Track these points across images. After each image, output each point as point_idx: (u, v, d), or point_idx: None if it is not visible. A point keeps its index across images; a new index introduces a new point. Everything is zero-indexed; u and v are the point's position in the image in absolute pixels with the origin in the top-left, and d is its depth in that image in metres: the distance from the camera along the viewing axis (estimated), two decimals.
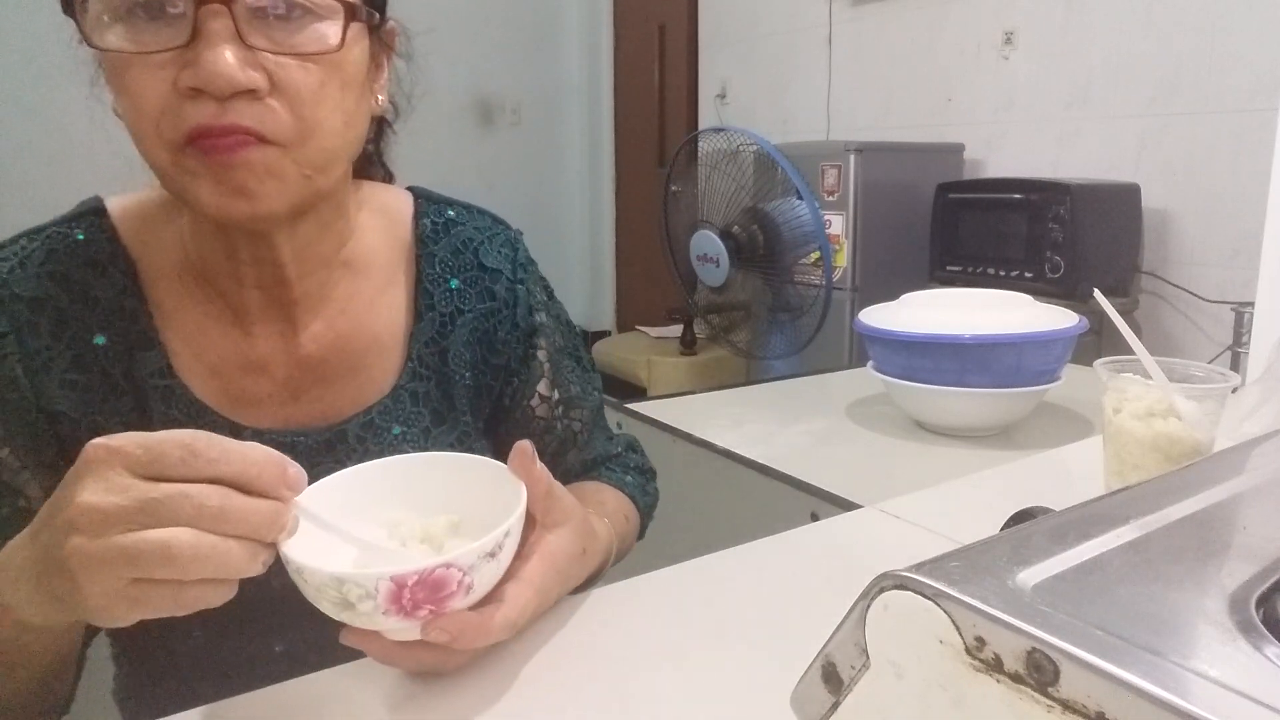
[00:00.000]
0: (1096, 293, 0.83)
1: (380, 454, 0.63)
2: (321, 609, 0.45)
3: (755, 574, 0.68)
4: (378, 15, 0.60)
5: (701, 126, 3.44)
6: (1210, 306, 2.16)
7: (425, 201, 0.71)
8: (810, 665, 0.35)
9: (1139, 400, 0.74)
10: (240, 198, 0.53)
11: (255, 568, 0.42)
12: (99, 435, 0.51)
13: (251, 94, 0.51)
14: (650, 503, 0.84)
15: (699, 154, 2.56)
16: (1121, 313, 0.78)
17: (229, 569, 0.41)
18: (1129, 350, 0.75)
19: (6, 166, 3.24)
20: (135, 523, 0.39)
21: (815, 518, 1.00)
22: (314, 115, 0.53)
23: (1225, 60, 2.10)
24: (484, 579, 0.48)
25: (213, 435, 0.42)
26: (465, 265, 0.70)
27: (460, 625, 0.47)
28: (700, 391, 1.50)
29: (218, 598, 0.42)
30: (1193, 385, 0.73)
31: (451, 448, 0.68)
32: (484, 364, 0.70)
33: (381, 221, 0.68)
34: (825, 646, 0.35)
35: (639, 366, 3.02)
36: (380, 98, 0.63)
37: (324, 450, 0.64)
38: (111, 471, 0.40)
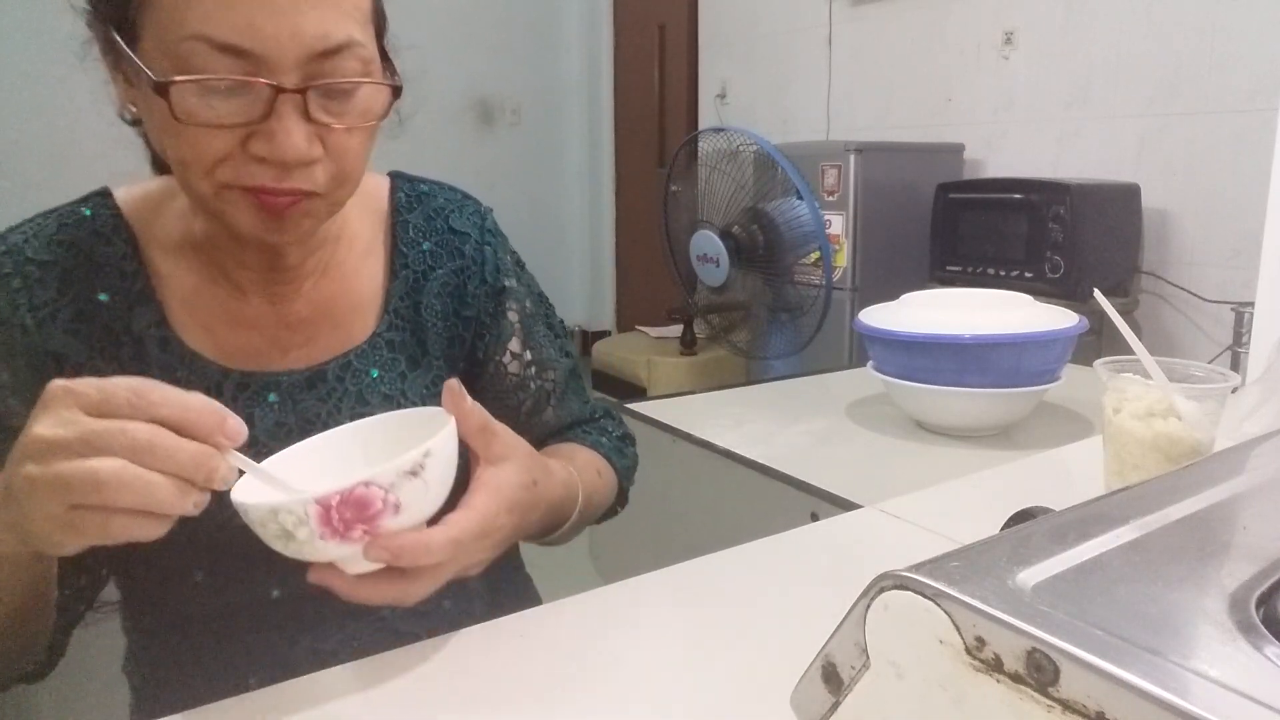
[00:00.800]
0: (1096, 293, 0.83)
1: (358, 393, 0.70)
2: (273, 547, 0.49)
3: (755, 574, 0.68)
4: (397, 76, 0.66)
5: (701, 126, 3.44)
6: (1210, 306, 2.17)
7: (401, 179, 0.79)
8: (810, 665, 0.35)
9: (1139, 400, 0.74)
10: (276, 234, 0.61)
11: (184, 506, 0.45)
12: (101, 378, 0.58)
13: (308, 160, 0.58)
14: (629, 465, 0.86)
15: (699, 154, 2.56)
16: (1121, 313, 0.78)
17: (154, 502, 0.44)
18: (1129, 350, 0.75)
19: (7, 166, 3.24)
20: (74, 453, 0.43)
21: (815, 518, 1.00)
22: (352, 168, 0.61)
23: (1225, 60, 2.10)
24: (412, 498, 0.50)
25: (164, 385, 0.45)
26: (436, 230, 0.77)
27: (399, 545, 0.50)
28: (700, 391, 1.50)
29: (146, 531, 0.45)
30: (1193, 385, 0.73)
31: (426, 389, 0.73)
32: (455, 315, 0.76)
33: (361, 199, 0.74)
34: (825, 646, 0.35)
35: (639, 366, 3.02)
36: None
37: (305, 387, 0.69)
38: (64, 408, 0.44)
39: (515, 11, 4.32)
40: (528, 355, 0.80)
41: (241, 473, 0.47)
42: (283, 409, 0.68)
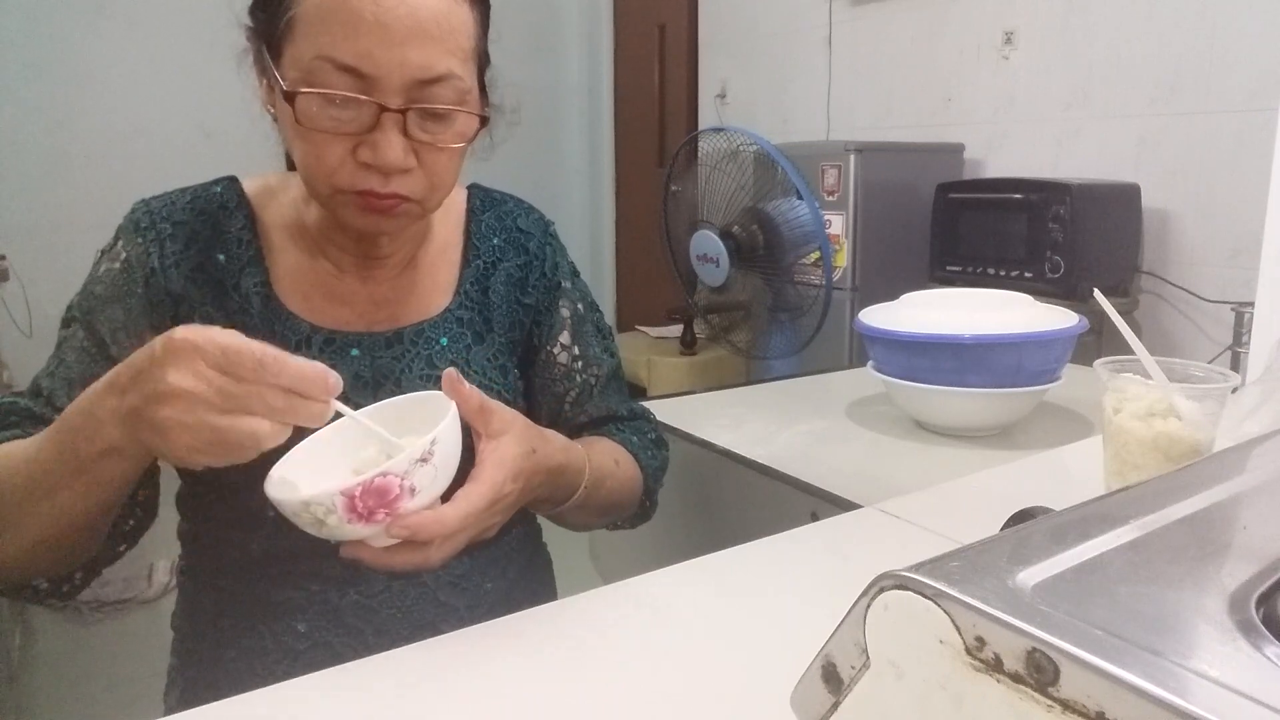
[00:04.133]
0: (1096, 293, 0.83)
1: (428, 357, 0.80)
2: (308, 532, 0.57)
3: (755, 574, 0.68)
4: (489, 101, 0.79)
5: (701, 126, 3.44)
6: (1210, 306, 2.16)
7: (477, 189, 0.92)
8: (810, 665, 0.35)
9: (1139, 400, 0.74)
10: (379, 231, 0.75)
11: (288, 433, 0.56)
12: (209, 321, 0.74)
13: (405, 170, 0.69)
14: (658, 466, 0.92)
15: (699, 154, 2.56)
16: (1121, 313, 0.78)
17: (282, 436, 0.55)
18: (1129, 350, 0.75)
19: (7, 166, 3.24)
20: (215, 407, 0.52)
21: (815, 518, 1.00)
22: (443, 181, 0.73)
23: (1225, 60, 2.10)
24: (425, 481, 0.57)
25: (277, 352, 0.53)
26: (506, 228, 0.89)
27: (417, 522, 0.58)
28: (700, 391, 1.50)
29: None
30: (1193, 385, 0.73)
31: (488, 361, 0.83)
32: (518, 303, 0.87)
33: (446, 205, 0.85)
34: (825, 646, 0.35)
35: (639, 366, 3.02)
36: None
37: (385, 346, 0.79)
38: (194, 363, 0.52)
39: (515, 11, 4.32)
40: (576, 350, 0.90)
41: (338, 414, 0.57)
42: (361, 363, 0.78)
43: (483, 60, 0.76)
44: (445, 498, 0.61)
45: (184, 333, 0.53)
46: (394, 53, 0.65)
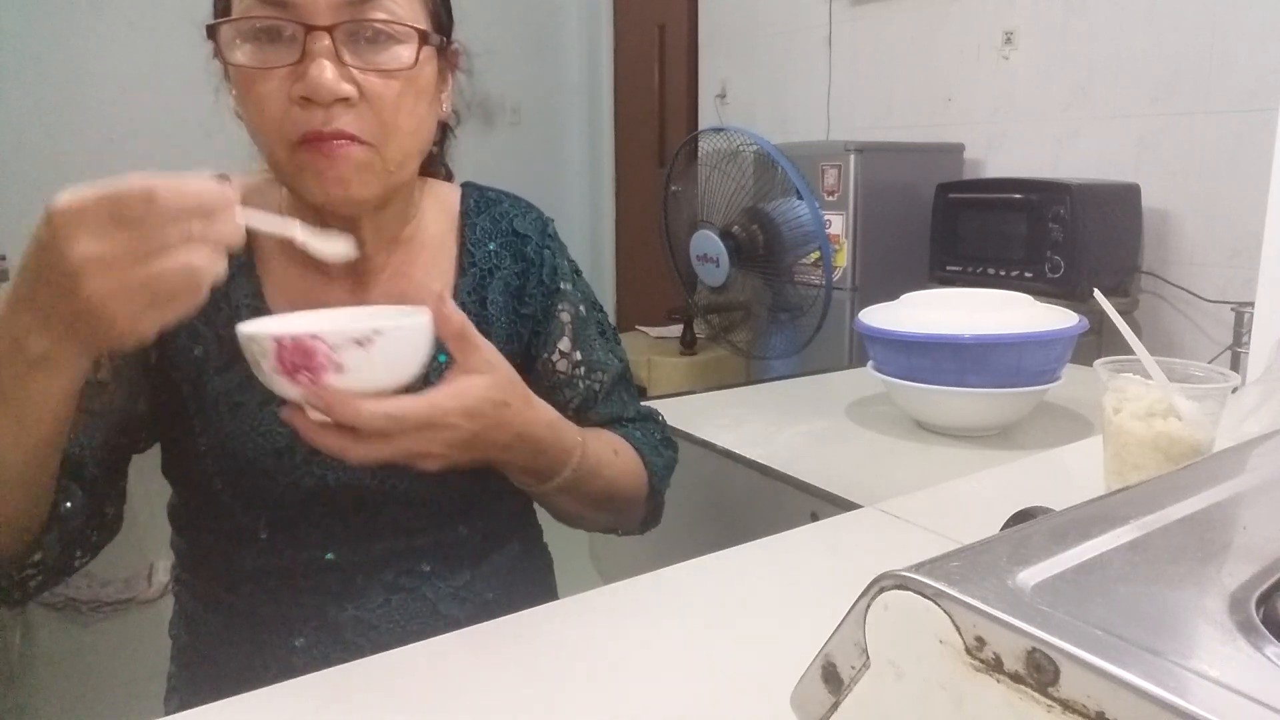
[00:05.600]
0: (1096, 293, 0.83)
1: (426, 376, 0.74)
2: (256, 374, 0.58)
3: (755, 574, 0.68)
4: (444, 39, 0.74)
5: (701, 126, 3.44)
6: (1210, 306, 2.16)
7: (471, 188, 0.87)
8: (810, 665, 0.35)
9: (1139, 400, 0.74)
10: (339, 187, 0.67)
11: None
12: (195, 336, 0.73)
13: (346, 101, 0.65)
14: (663, 464, 0.88)
15: (699, 154, 2.56)
16: (1121, 313, 0.78)
17: (216, 271, 0.51)
18: (1129, 350, 0.75)
19: (6, 166, 3.24)
20: (134, 258, 0.48)
21: (815, 518, 1.00)
22: (394, 120, 0.67)
23: (1225, 60, 2.10)
24: (356, 365, 0.56)
25: (163, 178, 0.48)
26: (501, 232, 0.83)
27: (331, 398, 0.56)
28: (700, 391, 1.50)
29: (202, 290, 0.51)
30: (1193, 385, 0.73)
31: None
32: (515, 314, 0.83)
33: (437, 205, 0.83)
34: (825, 646, 0.34)
35: (639, 366, 3.03)
36: (445, 107, 0.78)
37: None
38: (86, 227, 0.47)
39: (515, 12, 4.32)
40: (577, 355, 0.85)
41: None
42: None
43: None
44: None
45: (60, 203, 0.48)
46: None
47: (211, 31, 0.67)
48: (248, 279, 0.75)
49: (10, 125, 3.25)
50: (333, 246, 0.62)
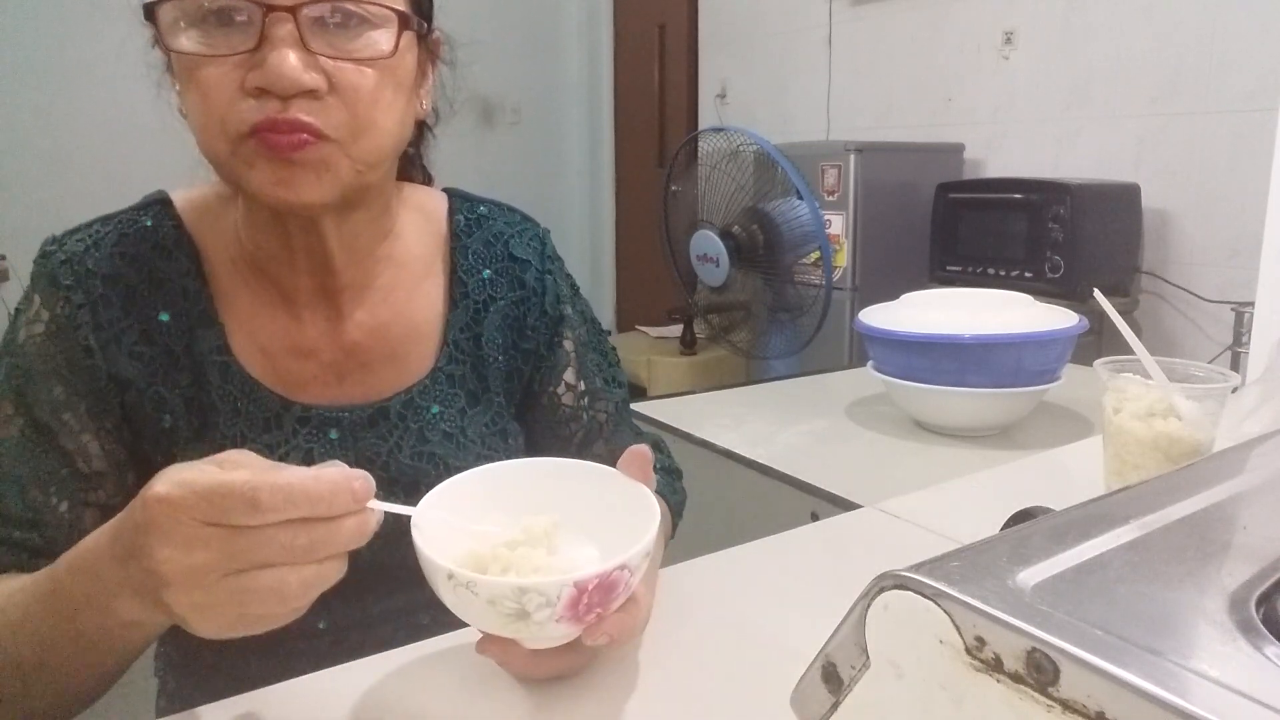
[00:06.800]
0: (1096, 293, 0.83)
1: (419, 431, 0.68)
2: (483, 624, 0.47)
3: (755, 574, 0.68)
4: (426, 25, 0.64)
5: (701, 126, 3.44)
6: (1210, 306, 2.16)
7: (459, 200, 0.76)
8: (810, 665, 0.35)
9: (1139, 400, 0.74)
10: (291, 188, 0.56)
11: (344, 567, 0.45)
12: (161, 405, 0.63)
13: (311, 94, 0.55)
14: (679, 501, 0.84)
15: (699, 154, 2.56)
16: (1121, 313, 0.78)
17: (329, 582, 0.44)
18: (1129, 350, 0.75)
19: (6, 166, 3.24)
20: (228, 569, 0.42)
21: (815, 518, 1.00)
22: (369, 114, 0.57)
23: (1225, 60, 2.09)
24: (639, 579, 0.48)
25: (277, 478, 0.42)
26: (496, 256, 0.74)
27: (617, 625, 0.48)
28: (700, 391, 1.50)
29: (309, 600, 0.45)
30: (1193, 385, 0.73)
31: (486, 428, 0.72)
32: (514, 349, 0.74)
33: (419, 219, 0.73)
34: (825, 646, 0.34)
35: (639, 366, 3.02)
36: (424, 103, 0.68)
37: (367, 425, 0.68)
38: (180, 527, 0.41)
39: (515, 11, 4.32)
40: (581, 386, 0.78)
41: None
42: (343, 446, 0.66)
43: None
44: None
45: (159, 489, 0.42)
46: None
47: (150, 12, 0.56)
48: (208, 329, 0.65)
49: (10, 125, 3.25)
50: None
